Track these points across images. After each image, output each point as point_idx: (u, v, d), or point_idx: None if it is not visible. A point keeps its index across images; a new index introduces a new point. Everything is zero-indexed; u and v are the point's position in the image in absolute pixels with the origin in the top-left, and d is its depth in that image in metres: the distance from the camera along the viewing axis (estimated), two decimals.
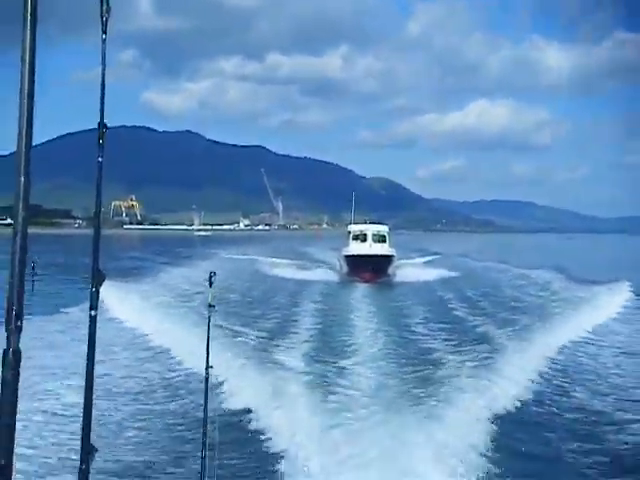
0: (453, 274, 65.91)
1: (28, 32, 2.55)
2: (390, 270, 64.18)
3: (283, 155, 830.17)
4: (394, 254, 65.84)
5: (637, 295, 46.08)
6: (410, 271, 67.98)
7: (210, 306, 9.57)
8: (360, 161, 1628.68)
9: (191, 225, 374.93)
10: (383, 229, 69.79)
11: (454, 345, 28.34)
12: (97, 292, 3.67)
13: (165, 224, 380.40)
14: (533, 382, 22.19)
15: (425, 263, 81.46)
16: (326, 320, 35.39)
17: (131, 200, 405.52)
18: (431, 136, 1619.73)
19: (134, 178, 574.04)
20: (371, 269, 59.87)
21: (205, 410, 9.53)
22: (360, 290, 52.88)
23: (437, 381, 20.98)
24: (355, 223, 74.59)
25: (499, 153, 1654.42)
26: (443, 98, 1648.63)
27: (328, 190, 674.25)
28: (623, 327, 35.18)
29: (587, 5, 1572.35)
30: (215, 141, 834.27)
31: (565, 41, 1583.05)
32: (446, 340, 29.60)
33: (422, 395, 19.29)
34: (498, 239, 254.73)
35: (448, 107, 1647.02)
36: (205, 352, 9.63)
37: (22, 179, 2.61)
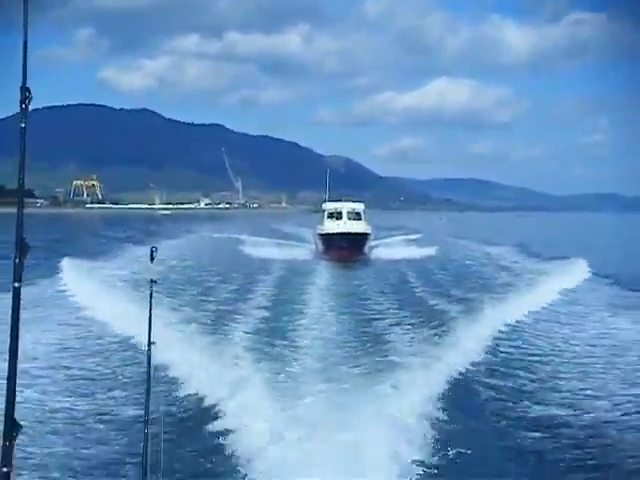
0: (426, 253, 63.06)
1: None
2: (366, 248, 63.29)
3: (242, 134, 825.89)
4: (369, 232, 64.55)
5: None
6: (386, 250, 66.67)
7: (152, 281, 9.11)
8: (319, 140, 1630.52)
9: (152, 204, 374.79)
10: (358, 207, 68.40)
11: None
12: (21, 263, 3.71)
13: (126, 203, 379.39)
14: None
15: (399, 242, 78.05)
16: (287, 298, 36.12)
17: (92, 179, 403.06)
18: (391, 114, 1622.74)
19: (92, 157, 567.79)
20: (347, 247, 58.53)
21: (148, 388, 9.04)
22: (333, 269, 52.31)
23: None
24: (329, 201, 72.65)
25: (459, 132, 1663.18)
26: (403, 77, 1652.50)
27: (287, 169, 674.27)
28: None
29: None
30: (173, 119, 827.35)
31: (524, 21, 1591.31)
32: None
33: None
34: (457, 217, 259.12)
35: (408, 86, 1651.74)
36: (147, 328, 9.16)
37: None
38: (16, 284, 3.66)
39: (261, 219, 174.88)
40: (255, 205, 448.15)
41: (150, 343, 9.19)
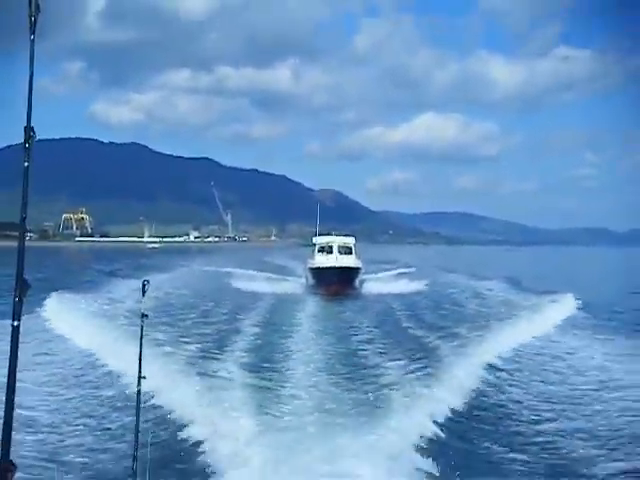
0: (417, 287, 62.50)
1: None
2: (357, 283, 62.62)
3: (231, 167, 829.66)
4: (360, 266, 63.91)
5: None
6: (377, 284, 65.64)
7: (143, 315, 9.07)
8: (309, 174, 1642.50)
9: (141, 237, 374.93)
10: (350, 241, 67.92)
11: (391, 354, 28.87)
12: (20, 302, 3.65)
13: (115, 236, 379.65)
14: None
15: (390, 276, 77.00)
16: (275, 331, 35.25)
17: (81, 213, 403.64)
18: (380, 149, 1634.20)
19: (81, 190, 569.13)
20: (337, 281, 57.86)
21: (137, 422, 9.08)
22: (322, 303, 51.86)
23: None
24: (319, 235, 71.89)
25: (447, 166, 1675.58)
26: (391, 112, 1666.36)
27: (276, 202, 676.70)
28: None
29: (531, 22, 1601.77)
30: (162, 153, 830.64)
31: (511, 56, 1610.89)
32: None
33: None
34: (446, 250, 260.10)
35: (396, 120, 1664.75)
36: (137, 363, 9.13)
37: None
38: (15, 323, 3.64)
39: (251, 252, 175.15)
40: (244, 238, 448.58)
41: (140, 377, 9.15)
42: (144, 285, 8.72)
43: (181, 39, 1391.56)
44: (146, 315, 9.05)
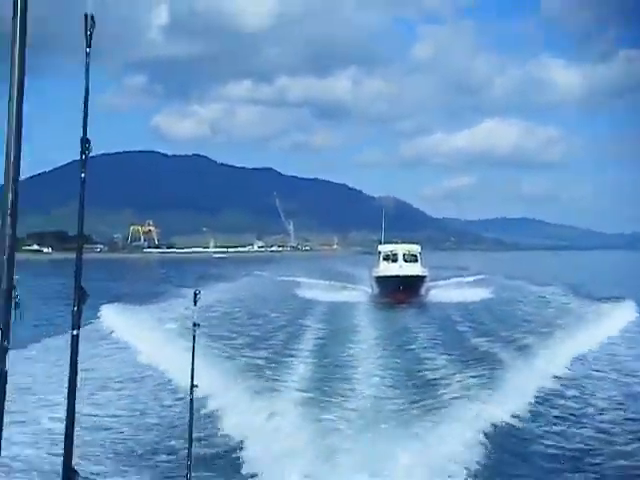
0: (483, 295, 62.08)
1: (17, 59, 2.69)
2: (422, 290, 62.00)
3: (292, 177, 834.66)
4: (426, 274, 63.43)
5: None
6: (443, 292, 65.24)
7: (194, 325, 9.22)
8: (369, 182, 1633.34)
9: (206, 247, 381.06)
10: (415, 248, 67.30)
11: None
12: (80, 311, 3.76)
13: (180, 247, 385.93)
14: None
15: (457, 284, 75.58)
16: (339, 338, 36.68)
17: (149, 225, 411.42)
18: (440, 155, 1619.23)
19: (146, 202, 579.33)
20: (402, 290, 57.44)
21: (190, 431, 9.21)
22: (385, 312, 52.50)
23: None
24: (385, 243, 71.45)
25: (509, 171, 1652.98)
26: (452, 118, 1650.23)
27: (337, 211, 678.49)
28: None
29: (593, 24, 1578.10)
30: (225, 164, 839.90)
31: (573, 60, 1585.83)
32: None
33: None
34: (509, 257, 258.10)
35: (457, 127, 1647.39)
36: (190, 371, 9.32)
37: (10, 196, 2.70)
38: (74, 332, 3.71)
39: (315, 261, 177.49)
40: (307, 247, 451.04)
41: (192, 386, 9.33)
42: (196, 295, 9.00)
43: (242, 51, 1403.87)
44: (198, 324, 9.28)
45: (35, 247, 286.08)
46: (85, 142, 3.67)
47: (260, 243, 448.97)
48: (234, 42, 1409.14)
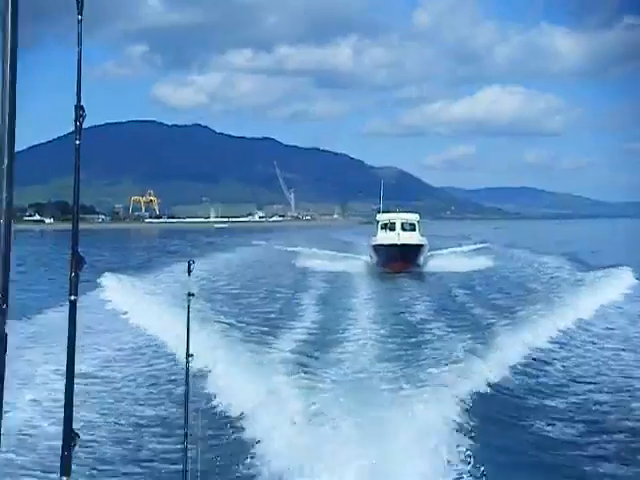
0: (483, 264, 61.87)
1: (9, 33, 2.68)
2: (421, 260, 62.06)
3: (293, 146, 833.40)
4: (425, 243, 63.36)
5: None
6: (443, 261, 65.41)
7: (189, 295, 9.06)
8: (370, 151, 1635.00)
9: (207, 217, 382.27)
10: (413, 217, 67.32)
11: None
12: (77, 277, 3.70)
13: (182, 217, 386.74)
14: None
15: (457, 253, 75.61)
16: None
17: (149, 195, 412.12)
18: (441, 124, 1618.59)
19: (146, 172, 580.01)
20: (400, 258, 57.89)
21: (186, 400, 9.10)
22: (382, 280, 52.98)
23: None
24: (383, 212, 71.17)
25: (509, 140, 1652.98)
26: (453, 87, 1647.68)
27: (338, 181, 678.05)
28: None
29: None
30: (225, 134, 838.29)
31: (574, 27, 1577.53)
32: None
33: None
34: (510, 226, 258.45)
35: (458, 95, 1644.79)
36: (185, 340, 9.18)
37: (5, 163, 2.68)
38: (72, 297, 3.69)
39: (316, 231, 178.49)
40: (308, 217, 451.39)
41: (188, 355, 9.17)
42: (189, 265, 8.78)
43: (242, 20, 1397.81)
44: (192, 294, 9.09)
45: (37, 217, 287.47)
46: (79, 109, 3.59)
47: (261, 213, 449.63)
48: (234, 11, 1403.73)
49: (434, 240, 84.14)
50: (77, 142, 3.56)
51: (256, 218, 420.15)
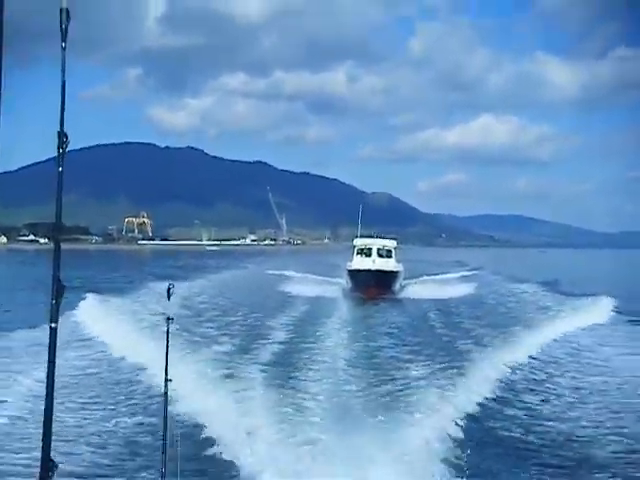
0: (464, 291, 62.07)
1: None
2: (396, 286, 61.19)
3: (285, 170, 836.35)
4: (400, 270, 62.75)
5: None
6: (417, 288, 63.83)
7: (168, 319, 8.87)
8: (362, 177, 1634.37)
9: (199, 240, 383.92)
10: (389, 244, 66.22)
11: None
12: (57, 304, 3.65)
13: (174, 239, 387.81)
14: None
15: (431, 280, 73.93)
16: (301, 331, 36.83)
17: (143, 217, 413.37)
18: (434, 151, 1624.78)
19: (140, 194, 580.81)
20: (375, 284, 56.78)
21: (165, 424, 8.93)
22: (356, 307, 51.34)
23: None
24: (361, 237, 69.69)
25: (501, 168, 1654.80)
26: (446, 114, 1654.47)
27: (329, 206, 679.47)
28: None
29: (588, 22, 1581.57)
30: (217, 157, 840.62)
31: (568, 57, 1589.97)
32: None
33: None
34: (499, 254, 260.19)
35: (451, 123, 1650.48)
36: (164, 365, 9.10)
37: None
38: (52, 325, 3.64)
39: (305, 255, 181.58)
40: (299, 242, 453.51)
41: (167, 380, 9.09)
42: (169, 289, 8.66)
43: (238, 43, 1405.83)
44: (172, 318, 8.92)
45: (31, 237, 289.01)
46: (62, 135, 3.62)
47: (253, 237, 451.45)
48: (230, 35, 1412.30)
49: (421, 266, 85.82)
50: (60, 169, 3.62)
51: (248, 242, 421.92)
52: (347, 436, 16.11)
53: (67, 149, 3.73)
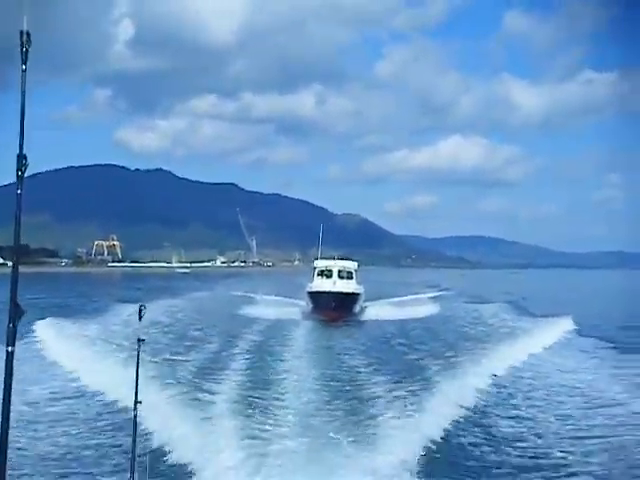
0: (424, 313, 61.67)
1: None
2: (357, 308, 60.97)
3: (255, 192, 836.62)
4: (361, 292, 62.28)
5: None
6: (378, 310, 63.46)
7: (139, 340, 8.71)
8: (331, 198, 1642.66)
9: (169, 262, 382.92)
10: (350, 265, 65.61)
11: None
12: (14, 328, 3.64)
13: (144, 262, 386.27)
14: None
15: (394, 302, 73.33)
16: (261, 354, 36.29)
17: (112, 240, 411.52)
18: (403, 172, 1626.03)
19: (109, 216, 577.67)
20: (335, 307, 56.09)
21: (133, 447, 8.84)
22: (314, 329, 50.77)
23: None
24: (322, 258, 69.01)
25: (470, 189, 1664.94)
26: (415, 136, 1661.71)
27: (299, 227, 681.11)
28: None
29: (556, 44, 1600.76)
30: (186, 179, 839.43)
31: (535, 80, 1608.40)
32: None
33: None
34: (467, 275, 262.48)
35: (420, 144, 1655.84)
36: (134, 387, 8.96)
37: None
38: (9, 348, 3.56)
39: (273, 276, 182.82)
40: (269, 263, 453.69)
41: (136, 402, 8.92)
42: (140, 310, 8.58)
43: (207, 66, 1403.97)
44: (142, 340, 8.82)
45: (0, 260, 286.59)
46: (22, 158, 3.57)
47: (222, 259, 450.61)
48: (199, 57, 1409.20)
49: (387, 287, 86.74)
50: (19, 191, 3.64)
51: (218, 263, 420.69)
52: None
53: (26, 172, 3.77)
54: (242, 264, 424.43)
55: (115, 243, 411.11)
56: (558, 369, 34.21)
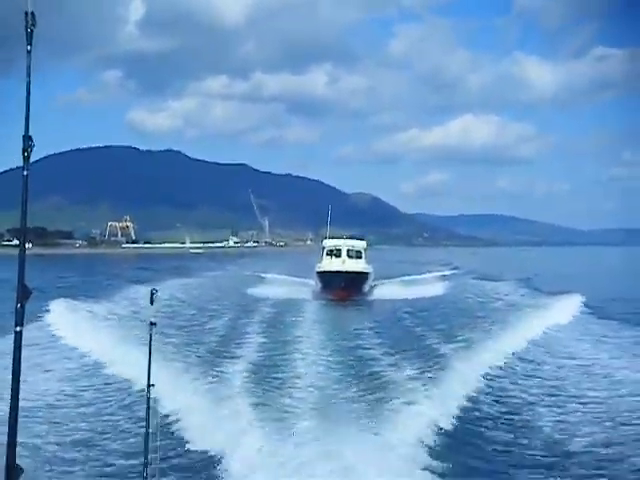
0: (433, 292, 60.86)
1: None
2: (366, 288, 60.69)
3: (267, 172, 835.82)
4: (370, 271, 62.02)
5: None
6: (387, 289, 63.45)
7: (151, 324, 8.66)
8: (343, 178, 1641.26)
9: (183, 243, 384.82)
10: (359, 244, 65.63)
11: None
12: (22, 308, 3.62)
13: (157, 242, 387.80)
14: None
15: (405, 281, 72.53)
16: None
17: (126, 221, 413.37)
18: (415, 151, 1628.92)
19: (122, 197, 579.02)
20: (344, 286, 56.19)
21: (147, 431, 8.88)
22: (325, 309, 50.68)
23: None
24: (331, 238, 68.46)
25: (482, 168, 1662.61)
26: (427, 114, 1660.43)
27: (311, 207, 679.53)
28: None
29: (567, 22, 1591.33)
30: (199, 159, 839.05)
31: (546, 57, 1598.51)
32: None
33: None
34: (481, 253, 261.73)
35: (432, 123, 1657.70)
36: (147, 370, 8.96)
37: None
38: (18, 328, 3.59)
39: (286, 256, 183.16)
40: (281, 243, 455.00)
41: (149, 385, 8.97)
42: (152, 294, 8.39)
43: (218, 46, 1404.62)
44: (154, 323, 8.70)
45: (15, 242, 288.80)
46: (27, 139, 3.60)
47: (235, 239, 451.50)
48: (210, 37, 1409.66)
49: (399, 266, 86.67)
50: (25, 172, 3.63)
51: (231, 244, 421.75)
52: None
53: (35, 154, 3.79)
54: (255, 244, 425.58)
55: (128, 224, 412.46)
56: (563, 346, 33.77)
